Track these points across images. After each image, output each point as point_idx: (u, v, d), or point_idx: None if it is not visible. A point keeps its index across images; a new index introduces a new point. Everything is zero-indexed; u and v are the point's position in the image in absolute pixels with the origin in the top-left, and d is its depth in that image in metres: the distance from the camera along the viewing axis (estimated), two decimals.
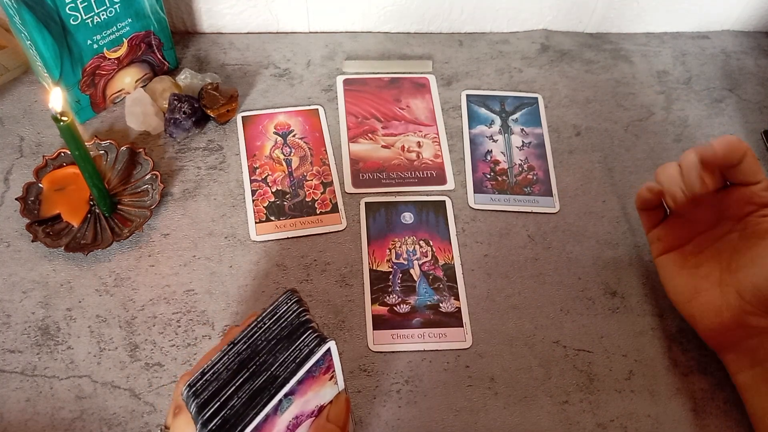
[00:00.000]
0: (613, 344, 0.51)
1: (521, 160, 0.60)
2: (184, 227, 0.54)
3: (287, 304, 0.35)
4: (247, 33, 0.68)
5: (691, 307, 0.48)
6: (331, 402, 0.38)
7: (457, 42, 0.69)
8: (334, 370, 0.36)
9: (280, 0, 0.65)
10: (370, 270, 0.53)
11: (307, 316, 0.35)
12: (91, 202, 0.54)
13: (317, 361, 0.33)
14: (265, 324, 0.34)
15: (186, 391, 0.32)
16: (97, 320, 0.49)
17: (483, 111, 0.63)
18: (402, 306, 0.51)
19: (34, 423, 0.45)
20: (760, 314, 0.44)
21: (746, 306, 0.44)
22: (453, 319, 0.51)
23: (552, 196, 0.58)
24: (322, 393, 0.36)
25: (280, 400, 0.32)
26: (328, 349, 0.34)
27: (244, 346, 0.33)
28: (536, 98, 0.65)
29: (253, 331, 0.34)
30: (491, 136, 0.62)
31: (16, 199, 0.53)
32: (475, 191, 0.58)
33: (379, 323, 0.50)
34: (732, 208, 0.46)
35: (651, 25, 0.71)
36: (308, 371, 0.33)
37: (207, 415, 0.31)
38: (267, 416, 0.31)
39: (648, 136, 0.63)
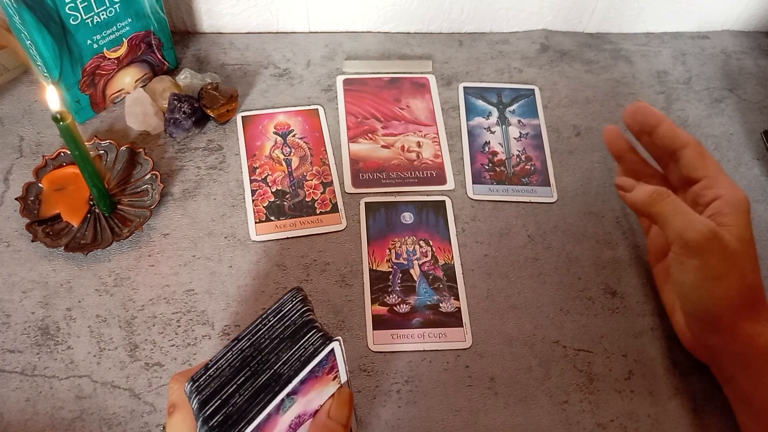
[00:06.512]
0: (613, 344, 0.51)
1: (519, 151, 0.61)
2: (184, 227, 0.54)
3: (292, 302, 0.35)
4: (247, 33, 0.68)
5: (673, 323, 0.49)
6: (331, 397, 0.36)
7: (457, 42, 0.69)
8: (337, 371, 0.35)
9: (280, 0, 0.65)
10: (370, 270, 0.53)
11: (311, 316, 0.34)
12: (91, 202, 0.54)
13: (321, 362, 0.33)
14: (269, 321, 0.34)
15: (189, 387, 0.32)
16: (96, 320, 0.49)
17: (480, 103, 0.64)
18: (402, 306, 0.51)
19: (34, 423, 0.45)
20: (707, 334, 0.45)
21: (694, 328, 0.45)
22: (453, 319, 0.51)
23: (550, 185, 0.58)
24: (326, 393, 0.36)
25: (283, 400, 0.32)
26: (332, 350, 0.34)
27: (248, 344, 0.33)
28: (533, 90, 0.65)
29: (257, 328, 0.33)
30: (489, 127, 0.62)
31: (16, 199, 0.53)
32: (474, 182, 0.58)
33: (379, 323, 0.50)
34: None
35: (651, 25, 0.71)
36: (311, 371, 0.33)
37: (209, 411, 0.31)
38: (269, 415, 0.31)
39: None
